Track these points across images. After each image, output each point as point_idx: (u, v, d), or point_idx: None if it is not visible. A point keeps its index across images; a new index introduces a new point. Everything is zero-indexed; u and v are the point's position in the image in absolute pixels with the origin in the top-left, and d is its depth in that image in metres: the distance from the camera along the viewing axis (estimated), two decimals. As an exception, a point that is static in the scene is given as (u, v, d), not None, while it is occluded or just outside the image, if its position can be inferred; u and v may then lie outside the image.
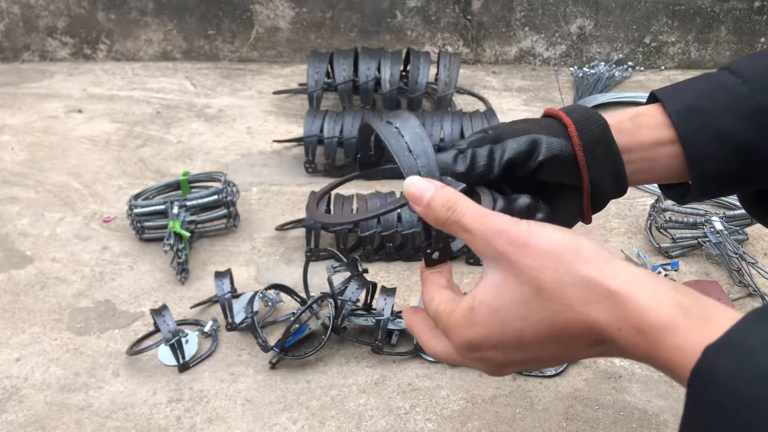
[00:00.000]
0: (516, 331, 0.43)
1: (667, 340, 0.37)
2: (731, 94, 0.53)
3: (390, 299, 0.92)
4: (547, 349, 0.43)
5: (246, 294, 1.00)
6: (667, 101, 0.54)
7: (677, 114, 0.53)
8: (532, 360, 0.45)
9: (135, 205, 1.13)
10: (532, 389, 0.88)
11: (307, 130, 1.31)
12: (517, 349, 0.44)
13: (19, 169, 1.38)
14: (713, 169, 0.53)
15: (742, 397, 0.33)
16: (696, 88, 0.54)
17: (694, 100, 0.53)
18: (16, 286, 1.06)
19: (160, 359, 0.92)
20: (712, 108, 0.53)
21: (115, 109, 1.62)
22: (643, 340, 0.38)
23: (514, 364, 0.46)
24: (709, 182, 0.54)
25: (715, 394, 0.34)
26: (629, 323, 0.38)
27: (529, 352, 0.44)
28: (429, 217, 0.47)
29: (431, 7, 1.82)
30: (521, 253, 0.42)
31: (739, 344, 0.34)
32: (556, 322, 0.41)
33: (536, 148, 0.52)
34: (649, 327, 0.38)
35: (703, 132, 0.53)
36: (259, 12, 1.84)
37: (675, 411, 0.84)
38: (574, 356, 0.44)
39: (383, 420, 0.84)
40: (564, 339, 0.42)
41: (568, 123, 0.53)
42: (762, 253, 1.13)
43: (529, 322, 0.42)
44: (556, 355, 0.44)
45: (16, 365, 0.92)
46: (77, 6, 1.83)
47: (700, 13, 1.81)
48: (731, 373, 0.33)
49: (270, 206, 1.26)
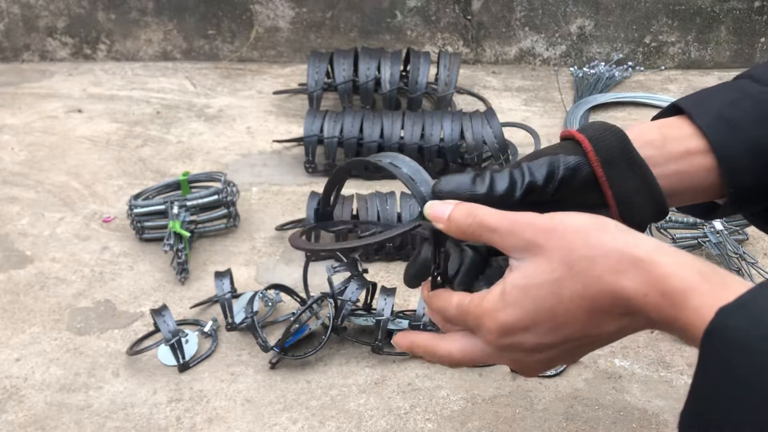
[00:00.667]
0: (548, 310, 0.44)
1: (687, 303, 0.39)
2: (758, 102, 0.51)
3: (390, 299, 0.92)
4: (579, 325, 0.44)
5: (246, 294, 1.00)
6: (694, 113, 0.52)
7: (707, 126, 0.51)
8: (562, 341, 0.45)
9: (135, 205, 1.13)
10: (532, 389, 0.88)
11: (307, 130, 1.31)
12: (549, 329, 0.45)
13: (19, 169, 1.38)
14: (748, 181, 0.51)
15: (751, 353, 0.35)
16: (721, 98, 0.53)
17: (722, 110, 0.52)
18: (16, 286, 1.06)
19: (160, 359, 0.92)
20: (742, 118, 0.51)
21: (115, 109, 1.62)
22: (666, 304, 0.40)
23: (544, 349, 0.46)
24: (745, 195, 0.52)
25: (726, 352, 0.36)
26: (655, 288, 0.41)
27: (560, 332, 0.45)
28: (452, 228, 0.48)
29: (431, 7, 1.82)
30: (549, 237, 0.44)
31: (750, 306, 0.36)
32: (587, 295, 0.43)
33: (555, 169, 0.50)
34: (671, 290, 0.40)
35: (735, 143, 0.51)
36: (259, 12, 1.84)
37: (675, 411, 0.84)
38: (603, 332, 0.44)
39: (383, 420, 0.84)
40: (595, 312, 0.43)
41: (581, 139, 0.51)
42: (762, 253, 1.13)
43: (561, 298, 0.44)
44: (586, 331, 0.44)
45: (16, 365, 0.92)
46: (77, 6, 1.83)
47: (700, 13, 1.81)
48: (742, 331, 0.35)
49: (270, 206, 1.26)
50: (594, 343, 0.46)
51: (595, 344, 0.47)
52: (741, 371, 0.35)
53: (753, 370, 0.34)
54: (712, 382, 0.36)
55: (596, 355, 0.92)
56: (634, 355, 0.93)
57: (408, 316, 0.95)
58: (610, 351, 0.93)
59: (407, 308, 0.99)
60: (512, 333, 0.46)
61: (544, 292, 0.44)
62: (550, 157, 0.51)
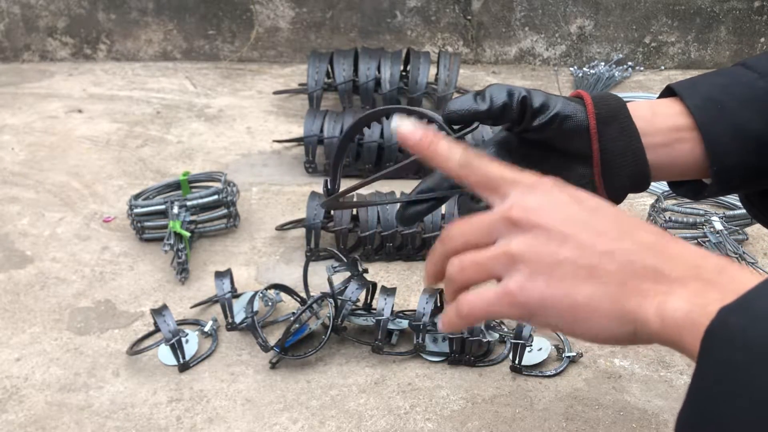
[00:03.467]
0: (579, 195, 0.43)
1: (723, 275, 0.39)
2: (750, 88, 0.53)
3: (390, 299, 0.92)
4: (607, 222, 0.41)
5: (246, 294, 1.00)
6: (684, 94, 0.55)
7: (695, 106, 0.53)
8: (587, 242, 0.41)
9: (135, 205, 1.13)
10: (532, 389, 0.88)
11: (307, 130, 1.31)
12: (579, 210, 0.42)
13: (19, 169, 1.38)
14: (732, 161, 0.53)
15: (752, 352, 0.34)
16: (713, 82, 0.55)
17: (711, 93, 0.54)
18: (16, 286, 1.06)
19: (160, 359, 0.92)
20: (729, 101, 0.53)
21: (115, 109, 1.62)
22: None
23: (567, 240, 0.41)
24: (728, 175, 0.54)
25: (727, 351, 0.35)
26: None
27: (588, 224, 0.41)
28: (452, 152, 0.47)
29: (431, 7, 1.82)
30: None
31: (753, 305, 0.36)
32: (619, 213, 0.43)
33: (550, 102, 0.53)
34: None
35: (721, 124, 0.53)
36: (259, 12, 1.84)
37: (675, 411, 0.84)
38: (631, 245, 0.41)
39: (383, 420, 0.84)
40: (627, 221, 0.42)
41: (584, 94, 0.55)
42: (762, 253, 1.13)
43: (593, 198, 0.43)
44: (614, 236, 0.41)
45: (16, 365, 0.92)
46: (77, 6, 1.83)
47: (700, 13, 1.81)
48: (743, 329, 0.35)
49: (270, 206, 1.26)
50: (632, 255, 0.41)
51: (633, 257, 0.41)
52: (743, 370, 0.34)
53: (756, 368, 0.34)
54: (711, 381, 0.36)
55: (596, 354, 0.92)
56: (634, 355, 0.93)
57: (408, 316, 0.95)
58: (610, 351, 0.93)
59: (407, 308, 1.00)
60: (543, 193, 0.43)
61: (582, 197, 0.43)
62: (550, 94, 0.54)
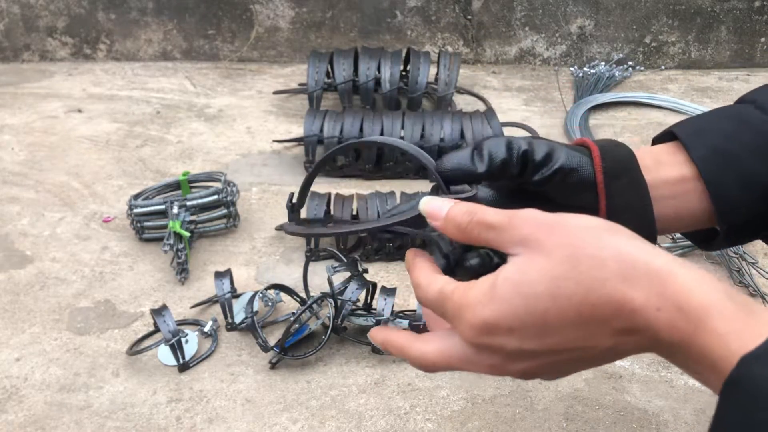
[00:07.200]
0: (540, 311, 0.40)
1: (710, 324, 0.36)
2: (759, 133, 0.51)
3: (390, 299, 0.92)
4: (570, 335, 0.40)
5: (246, 294, 1.00)
6: (689, 144, 0.52)
7: (700, 158, 0.51)
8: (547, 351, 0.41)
9: (135, 205, 1.13)
10: (532, 389, 0.88)
11: (307, 130, 1.31)
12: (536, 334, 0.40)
13: (19, 169, 1.38)
14: (741, 218, 0.51)
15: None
16: (719, 128, 0.52)
17: (718, 142, 0.51)
18: (16, 286, 1.06)
19: (160, 359, 0.92)
20: (738, 151, 0.50)
21: (115, 109, 1.62)
22: (683, 322, 0.36)
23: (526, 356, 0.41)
24: (738, 233, 0.52)
25: (749, 404, 0.33)
26: (670, 302, 0.37)
27: (547, 340, 0.40)
28: (449, 228, 0.45)
29: (431, 7, 1.82)
30: (551, 233, 0.41)
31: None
32: (588, 299, 0.39)
33: (554, 154, 0.49)
34: (691, 306, 0.36)
35: (729, 176, 0.50)
36: (259, 12, 1.84)
37: (675, 411, 0.84)
38: (595, 347, 0.40)
39: (383, 420, 0.84)
40: (592, 322, 0.39)
41: (591, 145, 0.51)
42: (762, 253, 1.12)
43: (557, 299, 0.39)
44: (577, 343, 0.40)
45: (16, 365, 0.92)
46: (77, 6, 1.83)
47: (700, 13, 1.81)
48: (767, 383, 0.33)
49: (270, 206, 1.26)
50: (581, 360, 0.42)
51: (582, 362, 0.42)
52: (764, 427, 0.32)
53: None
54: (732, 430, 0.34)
55: (596, 355, 0.92)
56: (634, 356, 0.92)
57: (408, 316, 0.95)
58: (610, 351, 0.93)
59: (407, 308, 0.99)
60: (494, 332, 0.41)
61: (539, 291, 0.40)
62: (553, 145, 0.50)
